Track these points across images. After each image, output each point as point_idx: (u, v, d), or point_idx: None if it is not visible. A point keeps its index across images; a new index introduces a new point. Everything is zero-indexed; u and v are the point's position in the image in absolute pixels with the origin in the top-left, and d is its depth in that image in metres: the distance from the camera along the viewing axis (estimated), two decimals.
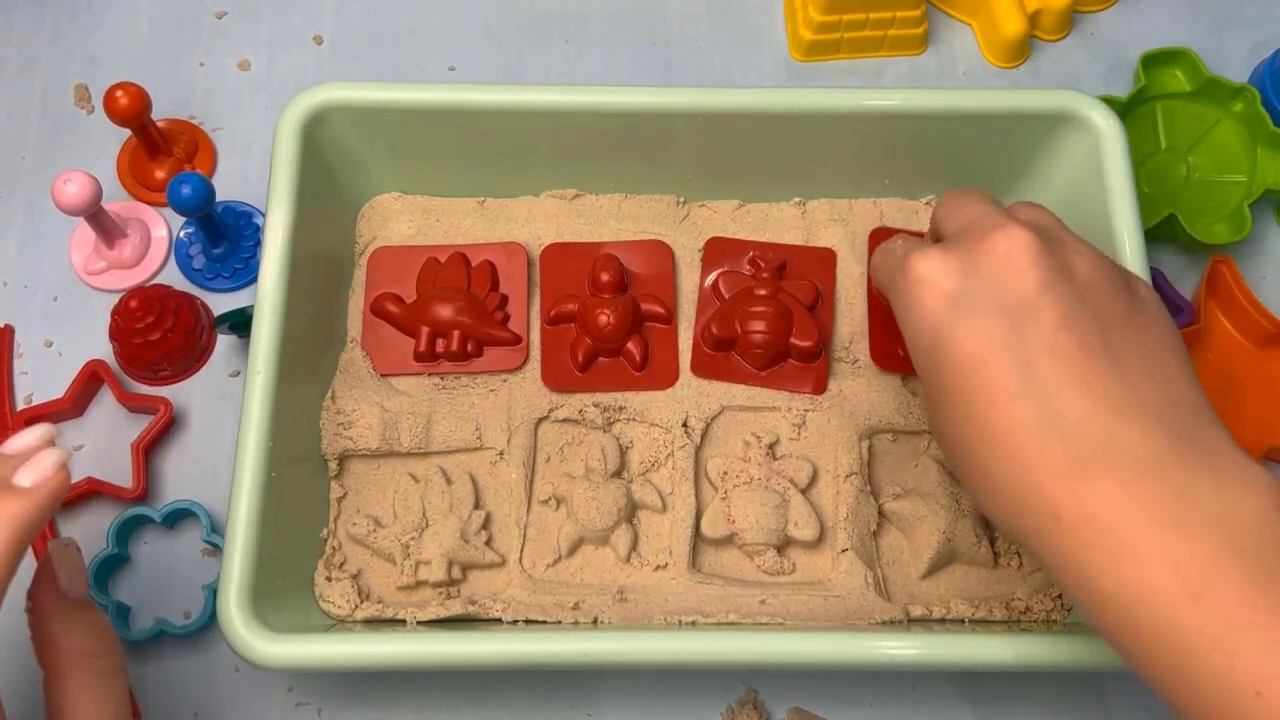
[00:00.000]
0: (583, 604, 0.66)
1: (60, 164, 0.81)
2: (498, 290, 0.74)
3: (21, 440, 0.55)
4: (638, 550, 0.70)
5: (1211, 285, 0.78)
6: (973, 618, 0.68)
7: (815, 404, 0.72)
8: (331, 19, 0.87)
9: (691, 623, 0.65)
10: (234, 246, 0.79)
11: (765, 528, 0.68)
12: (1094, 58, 0.88)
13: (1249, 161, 0.82)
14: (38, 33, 0.86)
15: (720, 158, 0.74)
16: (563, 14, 0.88)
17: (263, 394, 0.63)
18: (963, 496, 0.69)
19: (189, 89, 0.85)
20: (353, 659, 0.59)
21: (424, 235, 0.76)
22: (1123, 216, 0.68)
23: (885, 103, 0.71)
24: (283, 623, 0.61)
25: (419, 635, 0.62)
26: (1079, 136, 0.71)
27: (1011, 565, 0.70)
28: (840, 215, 0.77)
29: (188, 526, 0.73)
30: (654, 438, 0.72)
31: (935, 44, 0.88)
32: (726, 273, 0.75)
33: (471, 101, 0.70)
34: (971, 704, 0.71)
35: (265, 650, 0.58)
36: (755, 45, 0.88)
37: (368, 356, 0.73)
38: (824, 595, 0.67)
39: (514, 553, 0.69)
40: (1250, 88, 0.82)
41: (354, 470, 0.71)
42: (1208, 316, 0.78)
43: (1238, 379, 0.77)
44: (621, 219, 0.76)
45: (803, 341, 0.72)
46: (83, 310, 0.78)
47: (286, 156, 0.68)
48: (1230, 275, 0.77)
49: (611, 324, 0.71)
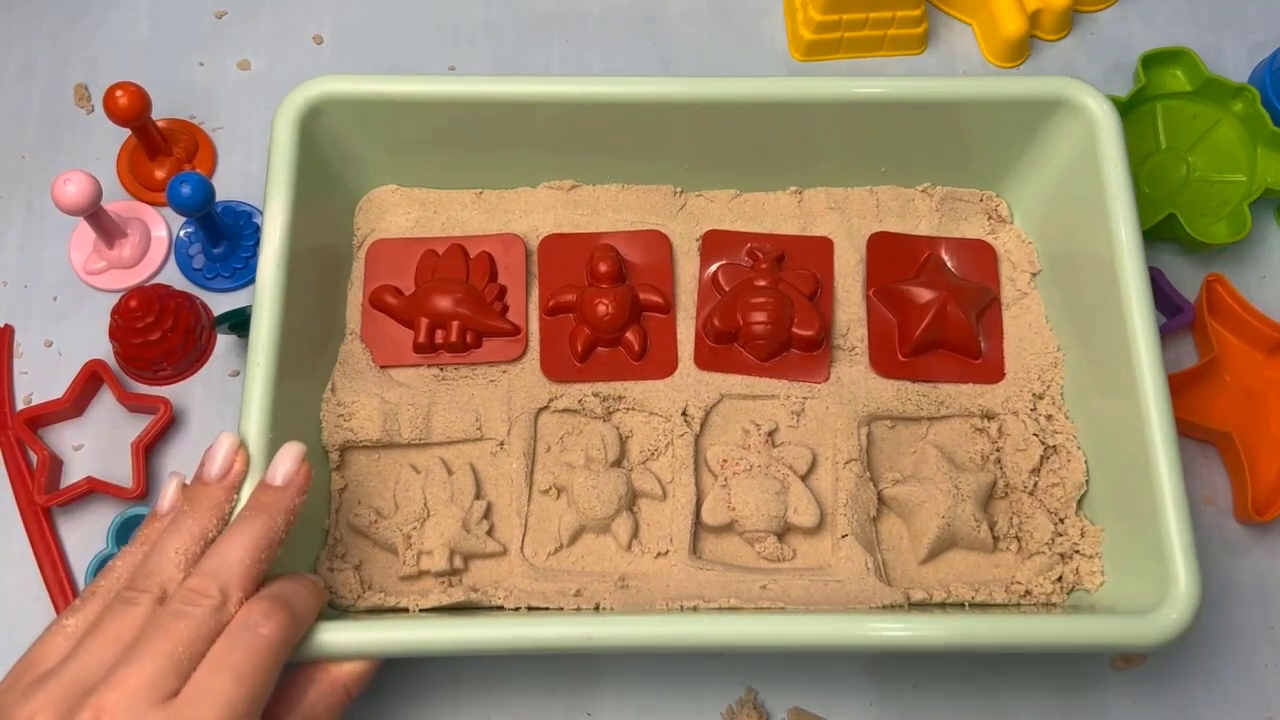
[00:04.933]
0: (584, 591, 0.66)
1: (60, 164, 0.81)
2: (496, 281, 0.74)
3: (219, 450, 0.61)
4: (638, 538, 0.70)
5: (1212, 308, 0.78)
6: (973, 601, 0.68)
7: (814, 391, 0.72)
8: (331, 19, 0.88)
9: (693, 608, 0.65)
10: (234, 246, 0.79)
11: (765, 514, 0.68)
12: (1094, 58, 0.88)
13: (1249, 161, 0.82)
14: (38, 33, 0.86)
15: (717, 148, 0.74)
16: (562, 14, 0.89)
17: (263, 386, 0.63)
18: (961, 481, 0.69)
19: (189, 89, 0.85)
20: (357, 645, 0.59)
21: (422, 227, 0.76)
22: (1118, 202, 0.68)
23: (880, 91, 0.71)
24: None
25: (422, 620, 0.62)
26: (1074, 123, 0.71)
27: (1011, 549, 0.70)
28: (837, 203, 0.77)
29: None
30: (654, 426, 0.72)
31: (935, 44, 0.89)
32: (726, 265, 0.75)
33: (468, 93, 0.70)
34: (971, 704, 0.71)
35: None
36: (755, 45, 0.88)
37: (367, 348, 0.73)
38: (824, 580, 0.67)
39: (515, 542, 0.69)
40: (1250, 88, 0.82)
41: (355, 461, 0.71)
42: (1218, 340, 0.78)
43: (1257, 392, 0.77)
44: (619, 209, 0.77)
45: (805, 331, 0.72)
46: (83, 310, 0.79)
47: (284, 149, 0.68)
48: (1226, 293, 0.77)
49: (610, 314, 0.71)
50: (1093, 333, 0.70)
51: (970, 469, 0.71)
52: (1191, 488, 0.65)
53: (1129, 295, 0.66)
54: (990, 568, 0.70)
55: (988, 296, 0.75)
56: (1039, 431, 0.71)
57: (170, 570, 0.56)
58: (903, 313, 0.74)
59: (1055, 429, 0.71)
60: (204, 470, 0.60)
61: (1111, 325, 0.67)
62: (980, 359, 0.74)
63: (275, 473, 0.59)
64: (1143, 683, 0.72)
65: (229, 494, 0.60)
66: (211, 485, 0.60)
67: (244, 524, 0.57)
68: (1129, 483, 0.65)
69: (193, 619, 0.53)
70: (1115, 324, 0.67)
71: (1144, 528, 0.63)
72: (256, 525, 0.57)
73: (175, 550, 0.56)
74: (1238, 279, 0.79)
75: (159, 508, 0.60)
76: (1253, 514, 0.73)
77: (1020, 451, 0.71)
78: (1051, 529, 0.69)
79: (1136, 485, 0.64)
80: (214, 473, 0.60)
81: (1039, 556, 0.69)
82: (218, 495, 0.59)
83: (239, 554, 0.56)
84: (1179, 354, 0.79)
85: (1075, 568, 0.68)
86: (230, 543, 0.56)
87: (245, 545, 0.56)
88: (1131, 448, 0.65)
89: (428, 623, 0.62)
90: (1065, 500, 0.70)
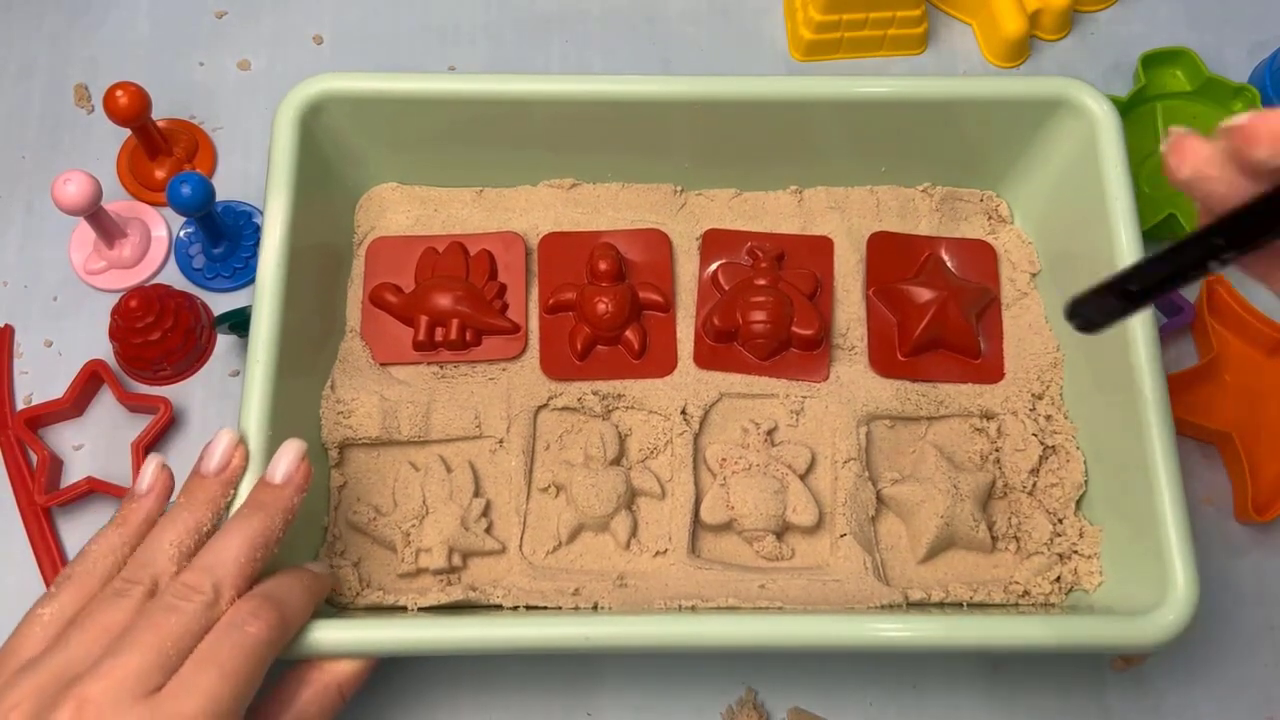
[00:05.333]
0: (583, 590, 0.66)
1: (60, 164, 0.81)
2: (496, 279, 0.74)
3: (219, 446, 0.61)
4: (637, 537, 0.70)
5: (1212, 308, 0.78)
6: (971, 601, 0.68)
7: (813, 391, 0.72)
8: (331, 19, 0.88)
9: (691, 607, 0.65)
10: (234, 246, 0.79)
11: (764, 513, 0.68)
12: (1094, 58, 0.88)
13: None
14: (38, 33, 0.86)
15: (717, 147, 0.74)
16: (562, 14, 0.89)
17: (262, 383, 0.63)
18: (960, 481, 0.69)
19: (189, 89, 0.85)
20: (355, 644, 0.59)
21: (422, 225, 0.76)
22: (1118, 202, 0.68)
23: (881, 91, 0.71)
24: None
25: (421, 620, 0.62)
26: (1074, 123, 0.71)
27: (1009, 549, 0.70)
28: (837, 203, 0.77)
29: None
30: (653, 425, 0.72)
31: (935, 44, 0.89)
32: (726, 264, 0.75)
33: (468, 91, 0.70)
34: (971, 704, 0.71)
35: None
36: (755, 45, 0.88)
37: (367, 346, 0.73)
38: (823, 580, 0.67)
39: (514, 540, 0.69)
40: (1250, 88, 0.82)
41: (354, 459, 0.71)
42: (1218, 340, 0.78)
43: (1259, 392, 0.77)
44: (619, 208, 0.77)
45: (805, 330, 0.72)
46: (83, 310, 0.79)
47: (285, 147, 0.68)
48: (1226, 293, 0.77)
49: (610, 312, 0.71)
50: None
51: (969, 469, 0.71)
52: (1191, 488, 0.65)
53: None
54: (989, 568, 0.70)
55: (987, 296, 0.75)
56: (1038, 431, 0.71)
57: (163, 563, 0.56)
58: (902, 312, 0.74)
59: (1054, 429, 0.71)
60: (202, 464, 0.60)
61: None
62: (980, 359, 0.74)
63: (275, 470, 0.60)
64: (1143, 683, 0.72)
65: (225, 489, 0.60)
66: (209, 479, 0.60)
67: (241, 521, 0.57)
68: (1128, 483, 0.65)
69: (183, 614, 0.53)
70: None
71: (1143, 528, 0.63)
72: (254, 523, 0.57)
73: (169, 543, 0.56)
74: (1238, 279, 0.79)
75: (137, 488, 0.60)
76: (1253, 514, 0.73)
77: (1019, 451, 0.71)
78: (1050, 529, 0.69)
79: (1135, 486, 0.64)
80: (212, 467, 0.60)
81: (1038, 556, 0.69)
82: (214, 489, 0.59)
83: (234, 551, 0.56)
84: (1179, 354, 0.79)
85: (1074, 568, 0.68)
86: (226, 539, 0.56)
87: (241, 542, 0.56)
88: (1130, 448, 0.65)
89: (426, 622, 0.62)
90: (1064, 500, 0.70)
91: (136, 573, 0.55)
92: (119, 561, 0.57)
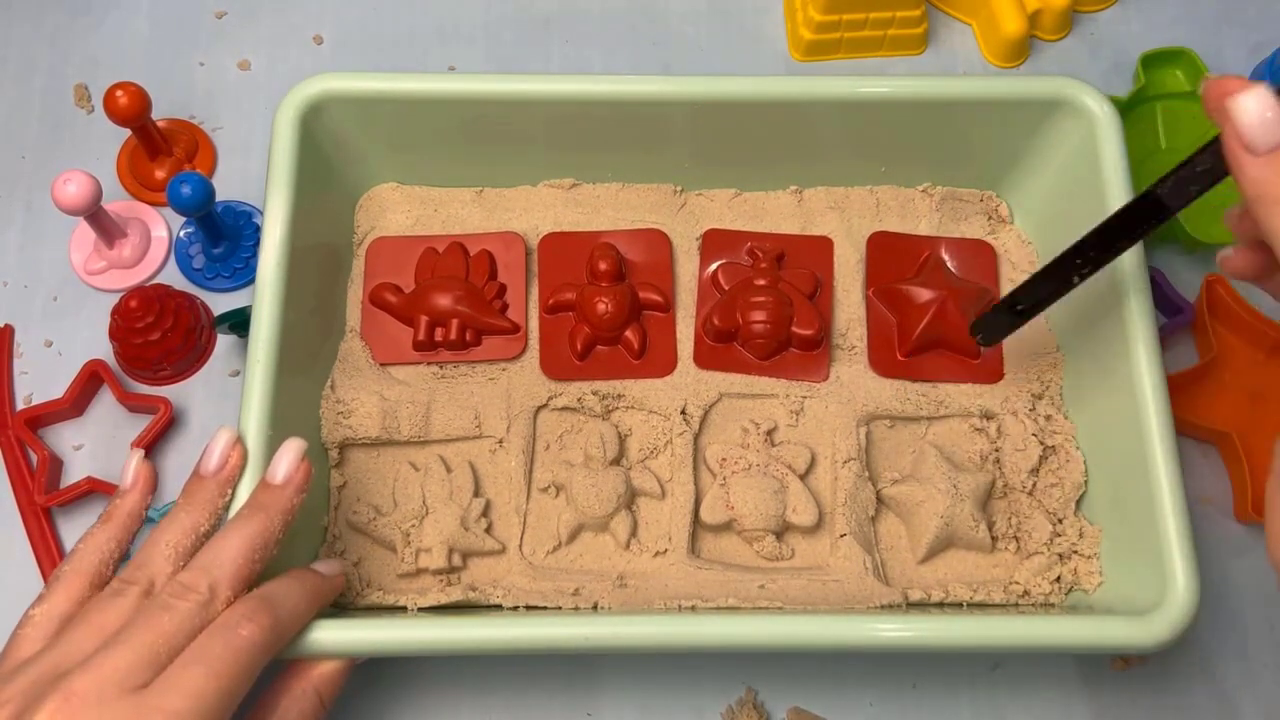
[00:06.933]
0: (583, 590, 0.66)
1: (60, 164, 0.81)
2: (496, 279, 0.74)
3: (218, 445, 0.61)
4: (637, 537, 0.70)
5: (1212, 308, 0.78)
6: (971, 601, 0.68)
7: (813, 391, 0.72)
8: (331, 19, 0.88)
9: (691, 607, 0.65)
10: (234, 246, 0.79)
11: (764, 513, 0.68)
12: (1094, 58, 0.88)
13: None
14: (38, 33, 0.86)
15: (717, 147, 0.74)
16: (562, 14, 0.89)
17: (262, 383, 0.63)
18: (960, 481, 0.69)
19: (189, 89, 0.85)
20: (355, 644, 0.59)
21: (422, 225, 0.77)
22: (1118, 202, 0.67)
23: (880, 91, 0.71)
24: None
25: (420, 620, 0.62)
26: (1074, 123, 0.71)
27: (1009, 549, 0.70)
28: (837, 203, 0.77)
29: None
30: (653, 425, 0.72)
31: (935, 44, 0.89)
32: (726, 264, 0.75)
33: (468, 91, 0.70)
34: (970, 704, 0.71)
35: None
36: (755, 45, 0.88)
37: (367, 346, 0.73)
38: (823, 580, 0.67)
39: (514, 540, 0.69)
40: None
41: (354, 459, 0.71)
42: (1219, 341, 0.77)
43: (1260, 392, 0.77)
44: (619, 208, 0.77)
45: (804, 330, 0.72)
46: (83, 310, 0.79)
47: (285, 147, 0.68)
48: (1226, 293, 0.77)
49: (610, 312, 0.71)
50: (1092, 333, 0.70)
51: (969, 469, 0.71)
52: (1191, 488, 0.65)
53: (1128, 295, 0.66)
54: (989, 568, 0.70)
55: (987, 296, 0.75)
56: (1038, 432, 0.71)
57: (160, 564, 0.56)
58: (902, 312, 0.74)
59: (1054, 429, 0.71)
60: (200, 464, 0.60)
61: (1111, 325, 0.67)
62: (979, 359, 0.74)
63: (276, 470, 0.60)
64: (1143, 683, 0.72)
65: (223, 489, 0.60)
66: (206, 480, 0.60)
67: (241, 522, 0.57)
68: (1128, 483, 0.65)
69: (177, 613, 0.53)
70: (1115, 324, 0.67)
71: (1142, 528, 0.63)
72: (252, 524, 0.57)
73: (166, 543, 0.57)
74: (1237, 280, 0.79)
75: (120, 484, 0.61)
76: (1253, 514, 0.73)
77: (1019, 451, 0.71)
78: (1050, 529, 0.69)
79: (1135, 486, 0.64)
80: (210, 467, 0.60)
81: (1037, 556, 0.69)
82: (211, 490, 0.60)
83: (232, 552, 0.56)
84: (1179, 354, 0.79)
85: (1074, 568, 0.68)
86: (225, 540, 0.56)
87: (239, 543, 0.56)
88: (1130, 448, 0.65)
89: (426, 622, 0.61)
90: (1064, 500, 0.70)
91: (134, 573, 0.56)
92: (105, 558, 0.58)
